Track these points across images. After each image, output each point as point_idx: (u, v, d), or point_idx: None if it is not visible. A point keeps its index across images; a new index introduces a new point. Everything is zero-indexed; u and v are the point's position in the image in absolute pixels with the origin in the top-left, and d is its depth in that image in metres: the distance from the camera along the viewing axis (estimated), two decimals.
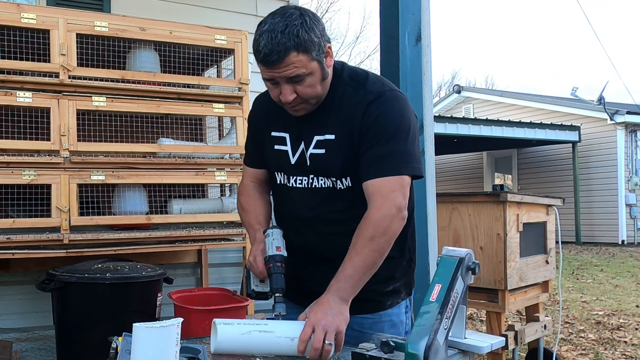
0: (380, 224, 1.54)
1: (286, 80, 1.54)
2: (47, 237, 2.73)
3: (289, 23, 1.49)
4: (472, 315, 5.75)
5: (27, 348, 2.85)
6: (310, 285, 1.69)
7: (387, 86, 1.66)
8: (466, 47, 59.12)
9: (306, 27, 1.50)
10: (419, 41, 2.81)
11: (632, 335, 5.05)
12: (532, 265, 3.54)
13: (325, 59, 1.57)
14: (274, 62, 1.50)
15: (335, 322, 1.45)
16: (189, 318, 2.10)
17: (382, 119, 1.58)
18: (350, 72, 1.68)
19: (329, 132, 1.63)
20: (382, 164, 1.57)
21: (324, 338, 1.42)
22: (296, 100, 1.58)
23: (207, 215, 3.24)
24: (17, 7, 2.78)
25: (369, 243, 1.53)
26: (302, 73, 1.52)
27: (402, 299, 1.77)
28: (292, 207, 1.73)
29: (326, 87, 1.62)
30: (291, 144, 1.69)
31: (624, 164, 13.72)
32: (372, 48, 25.64)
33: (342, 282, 1.52)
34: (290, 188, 1.71)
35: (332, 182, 1.65)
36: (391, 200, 1.55)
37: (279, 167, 1.74)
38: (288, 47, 1.48)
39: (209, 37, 3.16)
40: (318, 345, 1.42)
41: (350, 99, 1.62)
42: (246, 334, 1.41)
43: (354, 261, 1.53)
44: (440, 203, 3.32)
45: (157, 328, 1.25)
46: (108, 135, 3.16)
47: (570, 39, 64.59)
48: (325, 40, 1.56)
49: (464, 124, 12.83)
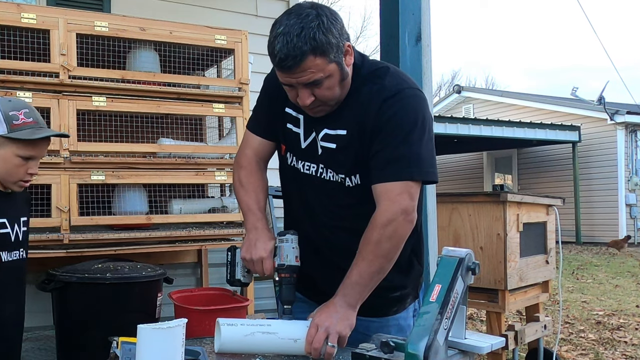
0: (386, 228, 1.49)
1: (304, 85, 1.47)
2: (47, 237, 2.73)
3: (305, 25, 1.40)
4: (472, 315, 5.75)
5: (27, 348, 2.85)
6: (319, 284, 1.69)
7: (407, 83, 1.58)
8: (466, 47, 59.15)
9: (323, 29, 1.41)
10: (419, 41, 2.81)
11: (632, 335, 5.05)
12: (532, 265, 3.54)
13: (345, 58, 1.50)
14: (290, 67, 1.43)
15: (339, 325, 1.44)
16: (189, 318, 2.09)
17: (397, 118, 1.51)
18: (370, 67, 1.59)
19: (341, 128, 1.56)
20: (393, 167, 1.50)
21: (326, 339, 1.42)
22: (314, 103, 1.51)
23: (207, 215, 3.24)
24: (17, 7, 2.78)
25: (375, 248, 1.49)
26: (320, 77, 1.45)
27: (409, 303, 1.76)
28: (299, 191, 1.67)
29: (346, 87, 1.54)
30: (304, 128, 1.61)
31: (624, 164, 13.71)
32: (372, 48, 25.62)
33: (349, 288, 1.50)
34: (298, 172, 1.65)
35: (341, 179, 1.60)
36: (398, 203, 1.49)
37: (290, 147, 1.66)
38: (304, 51, 1.40)
39: (209, 37, 3.16)
40: (317, 345, 1.42)
41: (367, 95, 1.55)
42: (249, 335, 1.42)
43: (360, 267, 1.50)
44: (440, 203, 3.31)
45: (164, 329, 1.24)
46: (108, 135, 3.15)
47: (570, 39, 64.63)
48: (345, 39, 1.47)
49: (464, 124, 12.82)
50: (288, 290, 1.54)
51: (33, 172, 1.85)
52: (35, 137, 1.80)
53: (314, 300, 1.71)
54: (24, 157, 1.81)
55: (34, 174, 1.86)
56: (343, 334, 1.45)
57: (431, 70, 2.89)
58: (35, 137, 1.80)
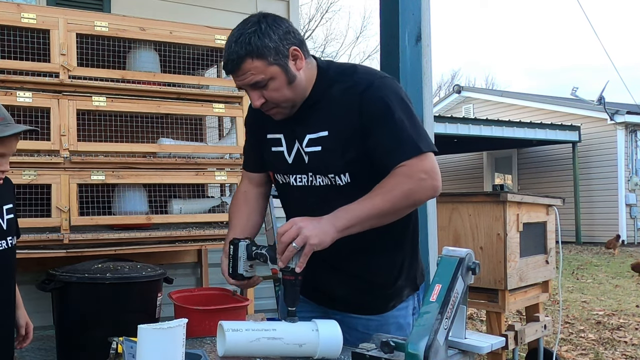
0: (404, 182, 1.51)
1: (250, 87, 1.56)
2: (47, 237, 2.73)
3: (243, 32, 1.51)
4: (472, 315, 5.75)
5: (27, 348, 2.83)
6: (319, 287, 1.70)
7: (376, 74, 1.65)
8: (466, 47, 59.18)
9: (259, 33, 1.50)
10: (419, 41, 2.81)
11: (632, 335, 5.05)
12: (532, 265, 3.54)
13: (294, 62, 1.56)
14: (231, 70, 1.55)
15: (313, 231, 1.46)
16: (189, 318, 2.10)
17: (381, 107, 1.56)
18: (337, 68, 1.67)
19: (322, 129, 1.61)
20: (400, 150, 1.54)
21: (294, 238, 1.45)
22: (267, 105, 1.58)
23: (207, 215, 3.24)
24: (17, 7, 2.79)
25: (386, 193, 1.51)
26: (261, 79, 1.52)
27: (407, 295, 1.76)
28: (295, 205, 1.72)
29: (298, 91, 1.59)
30: (286, 144, 1.68)
31: (624, 164, 13.71)
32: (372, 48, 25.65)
33: (342, 212, 1.52)
34: (292, 187, 1.71)
35: (331, 180, 1.63)
36: (418, 168, 1.53)
37: (278, 169, 1.74)
38: (240, 55, 1.51)
39: (209, 37, 3.16)
40: (285, 239, 1.45)
41: (341, 94, 1.61)
42: (255, 341, 1.42)
43: (363, 202, 1.52)
44: (440, 203, 3.32)
45: (164, 329, 1.24)
46: (108, 135, 3.16)
47: (570, 39, 64.67)
48: (289, 44, 1.54)
49: (464, 124, 12.83)
50: (293, 293, 1.54)
51: (3, 169, 1.81)
52: (5, 134, 1.76)
53: (314, 300, 1.73)
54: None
55: (4, 170, 1.82)
56: (312, 242, 1.46)
57: (431, 70, 2.89)
58: (5, 135, 1.76)
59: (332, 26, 48.79)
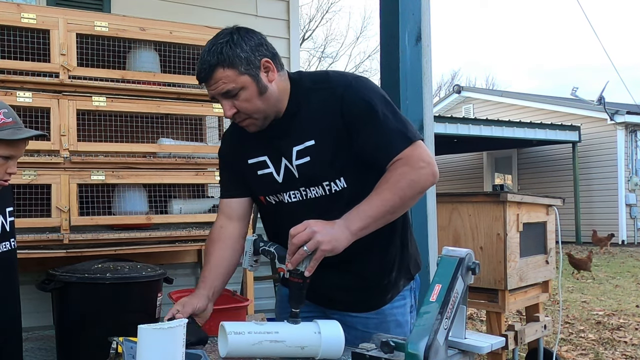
0: (407, 173, 1.53)
1: (222, 96, 1.57)
2: (47, 237, 2.73)
3: (215, 42, 1.56)
4: (472, 315, 5.75)
5: (27, 348, 2.85)
6: (324, 291, 1.70)
7: (351, 75, 1.67)
8: (466, 47, 59.17)
9: (231, 44, 1.54)
10: (419, 41, 2.81)
11: (632, 335, 5.05)
12: (532, 265, 3.54)
13: (266, 74, 1.57)
14: (203, 79, 1.57)
15: (326, 237, 1.45)
16: None
17: (364, 106, 1.58)
18: (310, 77, 1.69)
19: (308, 139, 1.61)
20: (392, 143, 1.56)
21: (307, 241, 1.44)
22: (239, 115, 1.60)
23: (207, 215, 3.23)
24: (17, 7, 2.79)
25: (393, 187, 1.53)
26: (232, 88, 1.54)
27: (403, 286, 1.76)
28: (294, 222, 1.62)
29: (270, 102, 1.59)
30: (273, 164, 1.68)
31: (624, 164, 13.72)
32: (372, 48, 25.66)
33: (354, 213, 1.52)
34: (287, 204, 1.69)
35: (326, 188, 1.62)
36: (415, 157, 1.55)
37: (268, 191, 1.72)
38: (212, 64, 1.54)
39: (209, 37, 3.12)
40: (296, 241, 1.45)
41: (319, 100, 1.62)
42: (257, 344, 1.42)
43: (372, 199, 1.53)
44: (440, 203, 3.32)
45: (164, 329, 1.24)
46: (108, 135, 3.16)
47: (570, 39, 64.67)
48: (260, 55, 1.56)
49: (464, 124, 12.83)
50: (299, 296, 1.54)
51: (12, 171, 1.84)
52: (17, 137, 1.79)
53: (312, 301, 1.73)
54: (4, 157, 1.79)
55: (12, 173, 1.84)
56: (324, 247, 1.45)
57: (431, 70, 2.89)
58: (17, 138, 1.79)
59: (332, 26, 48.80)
